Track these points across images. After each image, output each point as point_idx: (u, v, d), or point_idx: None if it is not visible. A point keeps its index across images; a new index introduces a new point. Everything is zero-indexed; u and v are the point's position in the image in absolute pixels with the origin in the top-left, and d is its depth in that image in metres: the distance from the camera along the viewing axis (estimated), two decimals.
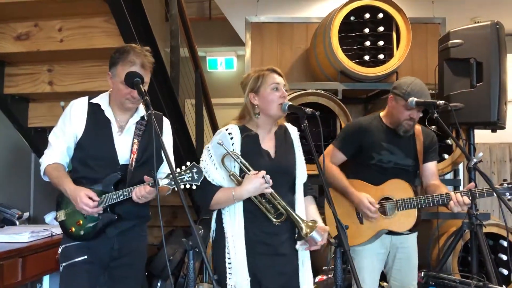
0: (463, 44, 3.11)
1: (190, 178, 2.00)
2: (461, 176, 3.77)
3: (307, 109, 2.03)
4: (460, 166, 3.71)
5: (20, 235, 2.85)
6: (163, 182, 2.05)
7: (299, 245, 2.07)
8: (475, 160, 2.39)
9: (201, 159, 2.18)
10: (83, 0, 3.05)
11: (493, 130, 3.24)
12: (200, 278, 3.91)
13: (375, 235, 2.59)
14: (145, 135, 2.26)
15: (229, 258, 2.06)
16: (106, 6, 3.03)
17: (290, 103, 2.13)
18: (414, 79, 2.63)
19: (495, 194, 2.30)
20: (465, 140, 3.30)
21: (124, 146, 2.21)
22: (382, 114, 2.75)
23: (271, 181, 2.02)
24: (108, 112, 2.23)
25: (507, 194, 2.40)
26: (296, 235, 2.09)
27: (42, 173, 2.25)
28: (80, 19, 3.25)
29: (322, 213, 2.64)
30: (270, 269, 2.08)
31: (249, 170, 2.05)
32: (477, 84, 3.07)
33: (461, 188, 3.84)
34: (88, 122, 2.21)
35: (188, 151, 4.06)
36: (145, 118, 2.27)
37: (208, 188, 2.11)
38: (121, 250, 2.22)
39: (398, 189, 2.62)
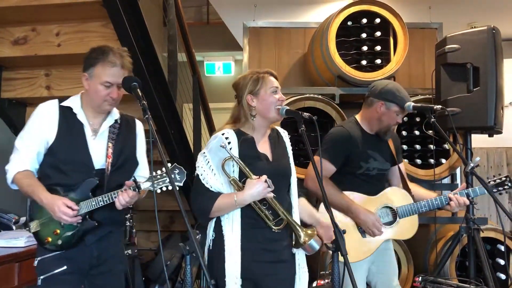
0: (460, 49, 3.12)
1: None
2: (458, 181, 3.77)
3: (305, 113, 2.03)
4: (458, 171, 3.72)
5: (17, 240, 2.85)
6: (144, 185, 2.04)
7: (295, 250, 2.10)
8: (472, 164, 2.40)
9: (196, 165, 2.15)
10: (80, 4, 3.05)
11: (490, 135, 3.25)
12: (198, 283, 3.90)
13: (380, 246, 2.59)
14: (119, 138, 2.22)
15: (226, 266, 2.04)
16: (103, 11, 3.04)
17: (288, 107, 2.13)
18: (397, 84, 2.65)
19: (494, 199, 2.31)
20: (462, 144, 3.31)
21: (99, 150, 2.16)
22: (359, 119, 2.71)
23: (272, 185, 2.02)
24: (81, 116, 2.17)
25: (498, 189, 2.51)
26: (293, 242, 2.08)
27: (9, 181, 2.13)
28: (78, 23, 3.25)
29: None
30: (274, 277, 2.07)
31: (251, 176, 2.04)
32: (474, 89, 3.07)
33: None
34: (61, 126, 2.13)
35: (186, 155, 4.06)
36: (118, 121, 2.24)
37: (207, 195, 2.08)
38: (100, 257, 2.16)
39: (397, 197, 2.63)
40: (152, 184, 2.03)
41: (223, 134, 2.10)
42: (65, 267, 2.09)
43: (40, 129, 2.13)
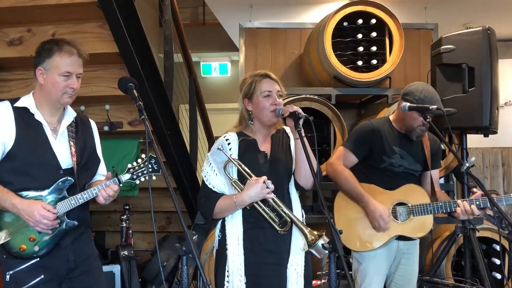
0: (455, 49, 3.13)
1: (150, 169, 2.04)
2: (454, 181, 3.78)
3: (302, 114, 2.03)
4: None
5: None
6: (125, 177, 2.06)
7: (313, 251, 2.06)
8: (467, 164, 2.41)
9: (202, 169, 2.21)
10: (76, 5, 3.05)
11: (485, 135, 3.26)
12: (194, 284, 3.89)
13: (389, 240, 2.58)
14: (79, 137, 2.16)
15: (227, 266, 2.07)
16: (99, 12, 3.03)
17: (284, 108, 2.13)
18: (426, 85, 2.64)
19: (489, 199, 2.32)
20: (457, 144, 3.32)
21: (63, 149, 2.09)
22: (392, 118, 2.74)
23: (272, 186, 2.03)
24: (39, 116, 2.07)
25: None
26: (306, 243, 2.05)
27: None
28: (74, 24, 3.25)
29: (313, 219, 2.65)
30: (278, 279, 2.07)
31: (250, 176, 2.06)
32: (469, 89, 3.08)
33: (455, 195, 3.85)
34: (19, 128, 2.02)
35: (182, 156, 4.06)
36: (75, 120, 2.19)
37: (210, 197, 2.13)
38: (77, 260, 2.10)
39: (413, 194, 2.62)
40: (131, 176, 2.07)
41: (224, 137, 2.17)
42: (42, 276, 2.00)
43: None
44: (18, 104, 2.08)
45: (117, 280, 3.55)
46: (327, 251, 1.95)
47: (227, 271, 2.06)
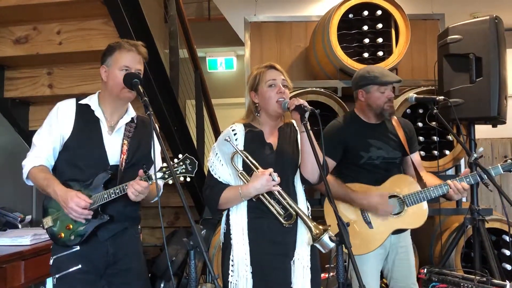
0: (462, 39, 3.10)
1: (184, 170, 2.03)
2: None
3: (307, 107, 2.03)
4: (462, 162, 3.71)
5: (22, 238, 2.87)
6: (157, 176, 2.05)
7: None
8: (475, 155, 2.39)
9: (208, 160, 2.22)
10: (81, 2, 3.06)
11: (494, 125, 3.23)
12: (204, 278, 3.91)
13: (388, 237, 2.55)
14: (135, 136, 2.23)
15: (232, 256, 2.08)
16: (104, 8, 3.04)
17: (289, 101, 2.13)
18: (368, 67, 2.69)
19: (499, 191, 2.31)
20: (465, 135, 3.29)
21: (114, 146, 2.17)
22: (357, 111, 2.71)
23: (278, 179, 2.03)
24: (98, 112, 2.19)
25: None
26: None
27: (25, 176, 2.15)
28: (79, 21, 3.26)
29: (321, 212, 2.64)
30: (284, 272, 2.07)
31: (257, 168, 2.07)
32: (477, 79, 3.05)
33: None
34: (77, 123, 2.17)
35: (189, 151, 4.06)
36: (135, 120, 2.26)
37: (216, 187, 2.14)
38: (116, 255, 2.14)
39: (401, 184, 2.58)
40: (163, 174, 2.03)
41: (231, 127, 2.18)
42: (79, 266, 2.08)
43: (56, 125, 2.16)
44: (82, 101, 2.22)
45: None
46: (331, 246, 1.95)
47: (232, 261, 2.06)
